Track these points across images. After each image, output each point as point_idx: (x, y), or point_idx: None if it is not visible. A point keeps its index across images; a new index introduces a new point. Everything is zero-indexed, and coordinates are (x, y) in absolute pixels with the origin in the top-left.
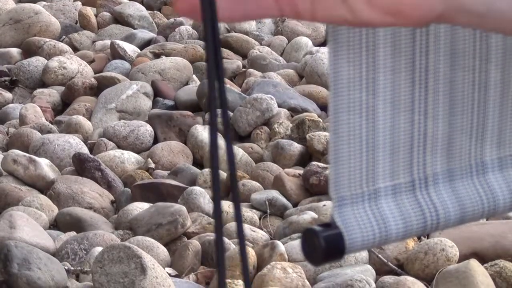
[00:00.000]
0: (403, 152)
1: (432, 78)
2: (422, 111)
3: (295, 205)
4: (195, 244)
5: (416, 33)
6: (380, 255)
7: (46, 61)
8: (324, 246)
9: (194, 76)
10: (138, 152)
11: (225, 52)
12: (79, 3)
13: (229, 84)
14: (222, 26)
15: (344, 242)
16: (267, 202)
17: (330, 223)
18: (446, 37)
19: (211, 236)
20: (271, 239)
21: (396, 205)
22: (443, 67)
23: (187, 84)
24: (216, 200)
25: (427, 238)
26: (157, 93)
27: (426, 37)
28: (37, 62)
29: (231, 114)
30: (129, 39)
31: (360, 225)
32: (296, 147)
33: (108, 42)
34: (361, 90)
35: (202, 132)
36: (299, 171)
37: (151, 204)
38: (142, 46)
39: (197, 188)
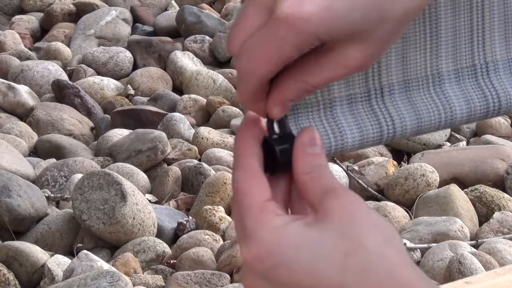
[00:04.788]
0: None
1: None
2: None
3: None
4: (175, 170)
5: None
6: (360, 181)
7: None
8: (280, 157)
9: (173, 1)
10: (117, 79)
11: None
12: None
13: (208, 10)
14: None
15: None
16: None
17: (287, 133)
18: None
19: (191, 162)
20: None
21: (351, 115)
22: None
23: (166, 10)
24: None
25: (407, 164)
26: (136, 19)
27: None
28: None
29: (210, 40)
30: None
31: None
32: None
33: None
34: None
35: (181, 58)
36: None
37: (131, 131)
38: None
39: (177, 114)
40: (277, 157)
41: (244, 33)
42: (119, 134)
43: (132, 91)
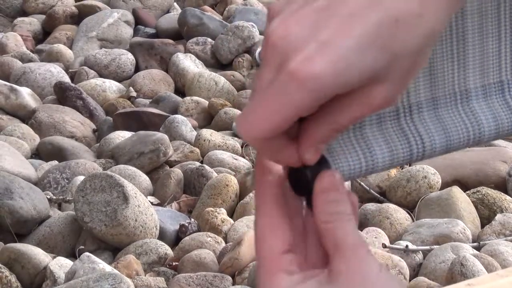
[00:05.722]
0: None
1: None
2: None
3: None
4: (177, 172)
5: None
6: (362, 183)
7: None
8: (311, 179)
9: (175, 4)
10: (119, 81)
11: None
12: None
13: (210, 12)
14: None
15: None
16: None
17: None
18: None
19: (193, 164)
20: (253, 167)
21: (381, 134)
22: None
23: (168, 12)
24: None
25: (409, 166)
26: (138, 21)
27: None
28: None
29: (212, 42)
30: None
31: (346, 155)
32: None
33: None
34: None
35: (183, 60)
36: None
37: (133, 133)
38: None
39: (179, 117)
40: (308, 179)
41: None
42: (121, 136)
43: (134, 93)
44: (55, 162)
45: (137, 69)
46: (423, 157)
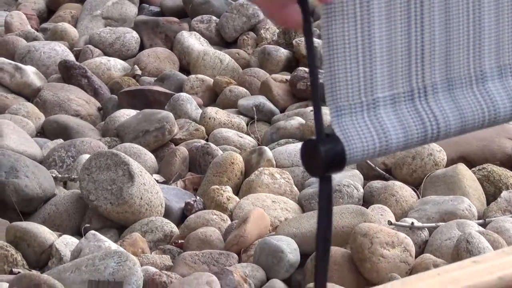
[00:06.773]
0: (401, 62)
1: None
2: (419, 22)
3: (282, 110)
4: (182, 150)
5: None
6: (367, 160)
7: None
8: (325, 159)
9: None
10: (124, 59)
11: None
12: None
13: None
14: None
15: (344, 155)
16: (254, 108)
17: (330, 134)
18: None
19: (198, 142)
20: (258, 144)
21: (395, 115)
22: None
23: None
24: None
25: None
26: None
27: None
28: None
29: (217, 20)
30: None
31: (360, 136)
32: (282, 53)
33: None
34: (354, 4)
35: (188, 38)
36: (286, 76)
37: (138, 111)
38: None
39: (183, 94)
40: (322, 157)
41: None
42: (126, 114)
43: (139, 72)
44: (60, 141)
45: (142, 47)
46: (437, 138)
